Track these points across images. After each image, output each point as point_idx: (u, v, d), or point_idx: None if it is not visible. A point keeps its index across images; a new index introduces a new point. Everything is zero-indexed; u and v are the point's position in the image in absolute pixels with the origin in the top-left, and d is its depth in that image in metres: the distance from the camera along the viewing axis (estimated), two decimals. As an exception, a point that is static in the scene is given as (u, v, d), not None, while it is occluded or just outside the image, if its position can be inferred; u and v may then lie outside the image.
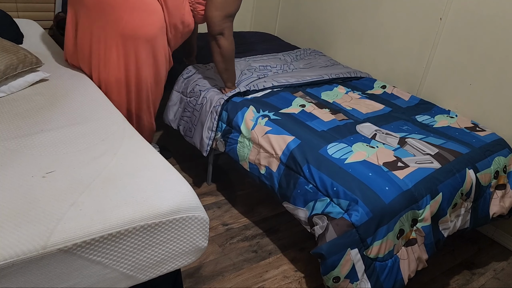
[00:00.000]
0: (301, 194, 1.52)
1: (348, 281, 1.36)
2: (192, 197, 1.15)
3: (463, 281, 1.82)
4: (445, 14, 2.13)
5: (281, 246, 1.87)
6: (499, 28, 1.93)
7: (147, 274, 1.12)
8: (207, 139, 1.92)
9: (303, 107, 1.90)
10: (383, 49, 2.47)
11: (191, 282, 1.62)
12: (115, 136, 1.34)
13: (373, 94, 2.21)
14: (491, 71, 1.99)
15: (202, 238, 1.18)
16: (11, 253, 0.88)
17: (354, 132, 1.75)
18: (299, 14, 3.00)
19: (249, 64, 2.31)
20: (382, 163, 1.54)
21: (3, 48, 1.56)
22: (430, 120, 1.98)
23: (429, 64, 2.25)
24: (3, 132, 1.28)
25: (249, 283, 1.65)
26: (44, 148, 1.23)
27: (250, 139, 1.76)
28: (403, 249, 1.47)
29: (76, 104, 1.52)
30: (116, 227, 1.00)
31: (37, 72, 1.64)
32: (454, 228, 1.64)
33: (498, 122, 2.00)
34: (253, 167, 1.74)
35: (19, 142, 1.24)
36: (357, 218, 1.34)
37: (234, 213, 2.04)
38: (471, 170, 1.64)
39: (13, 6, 2.39)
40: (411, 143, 1.71)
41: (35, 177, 1.09)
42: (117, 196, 1.06)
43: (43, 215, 0.97)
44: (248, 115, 1.81)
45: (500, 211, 1.78)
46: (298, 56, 2.59)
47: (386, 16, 2.42)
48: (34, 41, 2.07)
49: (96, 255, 0.99)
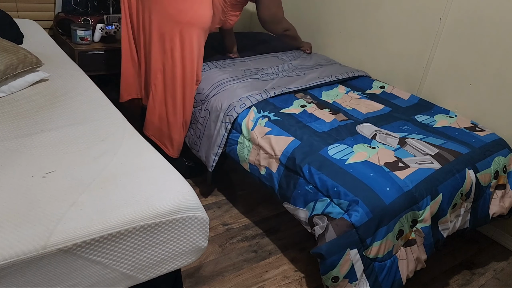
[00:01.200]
0: (301, 194, 1.52)
1: (347, 281, 1.36)
2: (192, 197, 1.15)
3: (463, 281, 1.82)
4: (445, 14, 2.13)
5: (281, 246, 1.87)
6: (499, 28, 1.93)
7: (147, 274, 1.12)
8: (213, 155, 1.90)
9: (304, 107, 1.90)
10: (383, 49, 2.47)
11: (191, 282, 1.62)
12: (115, 136, 1.34)
13: (373, 94, 2.21)
14: (491, 71, 1.99)
15: (202, 238, 1.18)
16: (11, 253, 0.88)
17: (355, 133, 1.74)
18: (299, 14, 3.00)
19: (247, 65, 2.30)
20: (383, 163, 1.54)
21: (3, 48, 1.56)
22: (430, 120, 1.98)
23: (429, 64, 2.25)
24: (3, 132, 1.28)
25: (249, 283, 1.65)
26: (44, 148, 1.23)
27: (250, 139, 1.76)
28: (402, 250, 1.47)
29: (76, 104, 1.52)
30: (116, 227, 1.00)
31: (37, 72, 1.63)
32: (454, 228, 1.64)
33: (498, 122, 2.00)
34: (253, 168, 1.74)
35: (19, 142, 1.24)
36: (357, 218, 1.34)
37: (234, 213, 2.04)
38: (471, 170, 1.64)
39: (13, 6, 2.39)
40: (411, 143, 1.71)
41: (35, 177, 1.09)
42: (117, 196, 1.06)
43: (43, 215, 0.97)
44: (249, 116, 1.81)
45: (500, 211, 1.78)
46: (295, 55, 2.59)
47: (386, 16, 2.42)
48: (34, 41, 2.06)
49: (96, 255, 0.99)
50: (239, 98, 1.89)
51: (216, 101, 1.93)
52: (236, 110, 1.84)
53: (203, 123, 1.97)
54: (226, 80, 2.04)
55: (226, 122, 1.84)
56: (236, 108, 1.84)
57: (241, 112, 1.83)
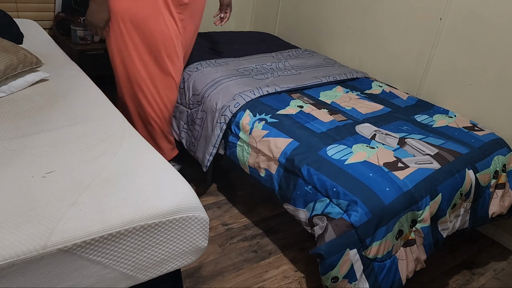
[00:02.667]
0: (301, 195, 1.52)
1: (347, 281, 1.36)
2: (192, 197, 1.15)
3: (463, 281, 1.82)
4: (445, 14, 2.13)
5: (281, 246, 1.87)
6: (499, 28, 1.93)
7: (147, 274, 1.12)
8: (208, 155, 1.90)
9: (301, 108, 1.90)
10: (383, 49, 2.47)
11: (191, 282, 1.62)
12: (115, 136, 1.34)
13: (372, 94, 2.21)
14: (491, 71, 1.99)
15: (202, 238, 1.18)
16: (11, 253, 0.88)
17: (354, 133, 1.75)
18: (299, 14, 3.00)
19: (242, 64, 2.30)
20: (383, 163, 1.54)
21: (3, 48, 1.56)
22: (429, 120, 1.98)
23: (429, 64, 2.25)
24: (3, 132, 1.28)
25: (249, 283, 1.65)
26: (44, 148, 1.23)
27: (248, 143, 1.76)
28: (401, 250, 1.47)
29: (76, 104, 1.52)
30: (116, 227, 1.00)
31: (37, 72, 1.63)
32: (453, 229, 1.64)
33: (498, 122, 2.00)
34: (253, 170, 1.75)
35: (19, 142, 1.24)
36: (356, 218, 1.34)
37: (234, 213, 2.05)
38: (470, 170, 1.64)
39: (13, 6, 2.39)
40: (411, 144, 1.71)
41: (35, 177, 1.09)
42: (117, 196, 1.07)
43: (43, 215, 0.97)
44: (244, 119, 1.80)
45: (499, 210, 1.78)
46: (291, 55, 2.58)
47: (386, 16, 2.42)
48: (34, 41, 2.06)
49: (96, 255, 0.99)
50: (233, 97, 1.90)
51: (211, 101, 1.93)
52: (230, 109, 1.84)
53: (200, 124, 1.97)
54: (219, 79, 2.04)
55: (221, 122, 1.84)
56: (230, 107, 1.85)
57: (239, 113, 1.83)
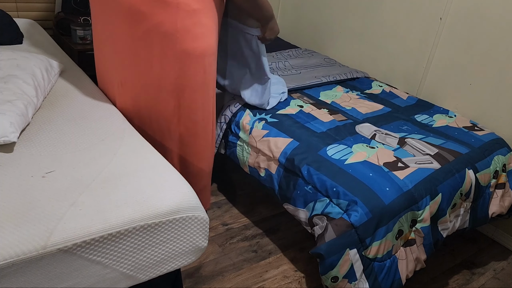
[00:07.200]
0: (301, 195, 1.52)
1: (347, 281, 1.36)
2: (192, 197, 1.15)
3: (463, 281, 1.82)
4: (445, 14, 2.13)
5: (281, 246, 1.87)
6: (499, 28, 1.93)
7: (147, 274, 1.12)
8: None
9: (301, 108, 1.90)
10: (383, 49, 2.47)
11: (191, 282, 1.62)
12: (115, 136, 1.34)
13: (372, 94, 2.21)
14: (491, 71, 1.99)
15: (202, 238, 1.18)
16: (11, 253, 0.88)
17: (354, 133, 1.75)
18: (299, 14, 3.00)
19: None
20: (383, 163, 1.54)
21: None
22: (429, 119, 1.98)
23: (429, 64, 2.25)
24: (3, 132, 1.28)
25: (249, 283, 1.65)
26: (44, 148, 1.23)
27: (248, 143, 1.76)
28: (401, 250, 1.47)
29: (76, 104, 1.52)
30: (116, 227, 1.00)
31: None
32: (453, 228, 1.64)
33: (498, 122, 2.00)
34: (253, 170, 1.75)
35: (19, 142, 1.24)
36: (356, 218, 1.34)
37: (234, 213, 2.05)
38: (470, 170, 1.64)
39: (13, 6, 2.39)
40: (411, 143, 1.71)
41: (35, 177, 1.09)
42: (117, 196, 1.07)
43: (43, 215, 0.97)
44: (244, 119, 1.80)
45: (499, 210, 1.78)
46: (291, 55, 2.58)
47: (386, 16, 2.42)
48: (34, 41, 2.06)
49: (96, 255, 0.99)
50: (232, 96, 1.90)
51: None
52: (230, 109, 1.84)
53: None
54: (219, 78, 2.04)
55: (221, 122, 1.84)
56: (230, 107, 1.85)
57: (239, 113, 1.83)
